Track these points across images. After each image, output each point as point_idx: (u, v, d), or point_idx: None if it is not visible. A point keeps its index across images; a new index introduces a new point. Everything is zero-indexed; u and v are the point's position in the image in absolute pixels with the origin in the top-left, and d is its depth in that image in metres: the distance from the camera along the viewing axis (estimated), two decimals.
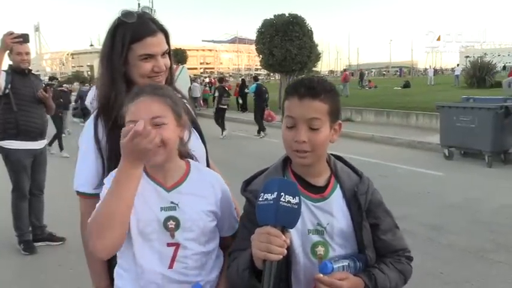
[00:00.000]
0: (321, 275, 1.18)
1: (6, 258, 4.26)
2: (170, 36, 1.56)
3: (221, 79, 17.52)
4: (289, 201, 1.09)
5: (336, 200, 1.29)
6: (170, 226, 1.30)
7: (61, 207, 5.05)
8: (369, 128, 12.33)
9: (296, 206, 1.10)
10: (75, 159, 1.54)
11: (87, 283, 1.67)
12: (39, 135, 4.37)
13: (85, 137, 1.51)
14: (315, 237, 1.26)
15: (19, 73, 4.20)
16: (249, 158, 8.84)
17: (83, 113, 12.51)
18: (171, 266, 1.30)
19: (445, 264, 3.88)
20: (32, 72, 4.47)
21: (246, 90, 18.97)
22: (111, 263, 1.44)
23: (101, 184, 1.45)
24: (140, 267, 1.30)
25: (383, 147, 10.16)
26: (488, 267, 3.84)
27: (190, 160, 1.45)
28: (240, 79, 20.25)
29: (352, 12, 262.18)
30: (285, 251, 1.10)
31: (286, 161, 1.36)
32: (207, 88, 26.37)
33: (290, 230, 1.14)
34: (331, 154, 1.37)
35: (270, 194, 1.10)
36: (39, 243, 4.45)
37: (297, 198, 1.11)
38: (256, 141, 12.05)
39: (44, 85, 4.73)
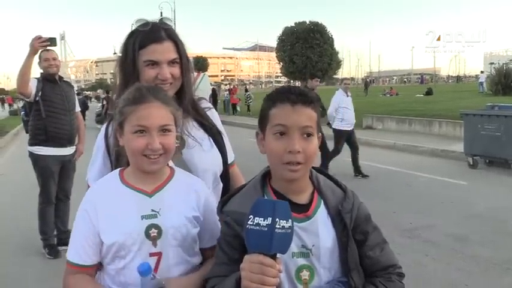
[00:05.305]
0: None
1: (31, 261, 4.36)
2: (182, 46, 1.52)
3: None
4: (283, 227, 0.99)
5: (321, 219, 1.19)
6: (152, 235, 1.24)
7: None
8: (390, 135, 12.17)
9: (290, 230, 1.00)
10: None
11: None
12: (67, 141, 4.47)
13: (99, 136, 1.58)
14: (300, 261, 1.16)
15: (50, 81, 4.34)
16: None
17: None
18: (153, 276, 1.24)
19: (469, 276, 3.79)
20: (64, 79, 4.61)
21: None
22: None
23: None
24: (122, 284, 1.26)
25: (405, 156, 10.01)
26: None
27: (173, 165, 1.39)
28: (211, 88, 21.94)
29: (373, 19, 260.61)
30: (278, 281, 1.03)
31: (265, 177, 1.25)
32: (235, 97, 26.64)
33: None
34: (312, 167, 1.27)
35: (262, 219, 0.99)
36: (64, 247, 4.54)
37: (290, 220, 1.01)
38: None
39: (76, 93, 4.86)
